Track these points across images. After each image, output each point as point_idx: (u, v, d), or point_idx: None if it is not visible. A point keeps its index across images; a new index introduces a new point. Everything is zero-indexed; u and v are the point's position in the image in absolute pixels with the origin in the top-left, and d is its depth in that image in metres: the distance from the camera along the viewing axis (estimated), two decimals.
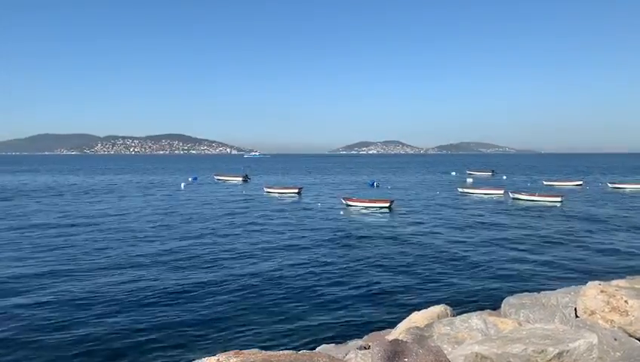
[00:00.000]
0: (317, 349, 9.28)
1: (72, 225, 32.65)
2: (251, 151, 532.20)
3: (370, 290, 17.74)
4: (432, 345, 6.89)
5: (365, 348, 7.88)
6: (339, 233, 29.76)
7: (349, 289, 17.87)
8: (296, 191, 58.06)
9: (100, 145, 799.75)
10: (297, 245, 26.08)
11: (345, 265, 21.47)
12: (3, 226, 32.45)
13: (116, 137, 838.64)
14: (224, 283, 18.43)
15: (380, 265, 21.51)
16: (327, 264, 21.69)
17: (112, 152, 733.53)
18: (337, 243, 26.46)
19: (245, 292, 17.39)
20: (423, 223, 34.09)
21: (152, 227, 32.07)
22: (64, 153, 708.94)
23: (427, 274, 20.13)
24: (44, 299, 16.39)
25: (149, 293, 17.11)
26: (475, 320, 7.34)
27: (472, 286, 18.39)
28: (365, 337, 10.71)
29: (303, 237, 28.48)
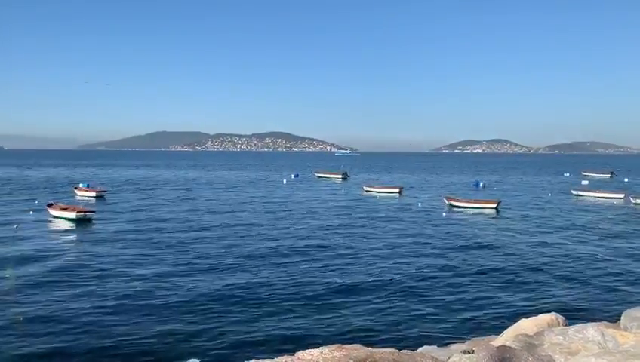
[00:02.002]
0: (419, 350, 9.23)
1: (201, 223, 35.06)
2: (345, 149, 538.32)
3: (473, 294, 17.24)
4: (543, 354, 6.62)
5: (469, 352, 7.72)
6: (441, 234, 29.16)
7: (452, 292, 17.50)
8: (397, 190, 57.43)
9: (210, 142, 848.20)
10: (399, 246, 25.95)
11: (448, 267, 21.03)
12: (139, 217, 35.71)
13: (224, 135, 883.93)
14: (327, 280, 18.86)
15: (485, 269, 20.79)
16: (429, 266, 21.38)
17: (221, 149, 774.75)
18: (440, 245, 25.95)
19: (348, 289, 17.68)
20: (532, 226, 32.38)
21: (262, 224, 33.58)
22: (178, 149, 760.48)
23: (535, 280, 19.13)
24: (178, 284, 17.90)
25: (262, 285, 18.00)
26: (592, 331, 6.92)
27: (585, 295, 17.22)
28: (468, 341, 10.46)
29: (405, 237, 28.25)
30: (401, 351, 7.82)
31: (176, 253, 23.07)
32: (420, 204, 44.54)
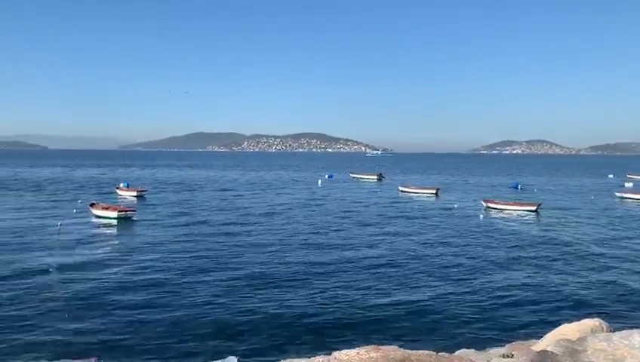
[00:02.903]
0: (456, 353, 9.14)
1: (241, 225, 35.56)
2: (377, 149, 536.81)
3: (512, 298, 16.93)
4: (586, 360, 6.46)
5: (508, 357, 7.60)
6: (479, 237, 28.70)
7: (490, 295, 17.22)
8: (434, 191, 56.76)
9: (246, 143, 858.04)
10: (436, 248, 25.71)
11: (484, 271, 20.70)
12: (179, 217, 36.54)
13: (260, 136, 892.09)
14: (366, 283, 18.87)
15: (523, 273, 20.37)
16: (466, 269, 21.10)
17: (257, 150, 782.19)
18: (477, 248, 25.56)
19: (381, 289, 17.65)
20: (573, 229, 31.49)
21: (302, 226, 33.81)
22: (215, 150, 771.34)
23: (576, 284, 18.64)
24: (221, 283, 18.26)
25: (300, 287, 18.18)
26: (638, 337, 6.70)
27: (630, 301, 16.66)
28: (507, 346, 10.28)
29: (442, 240, 27.94)
30: (439, 354, 7.76)
31: (215, 254, 23.43)
32: (456, 206, 43.93)
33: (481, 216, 38.06)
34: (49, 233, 28.07)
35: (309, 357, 7.98)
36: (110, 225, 31.89)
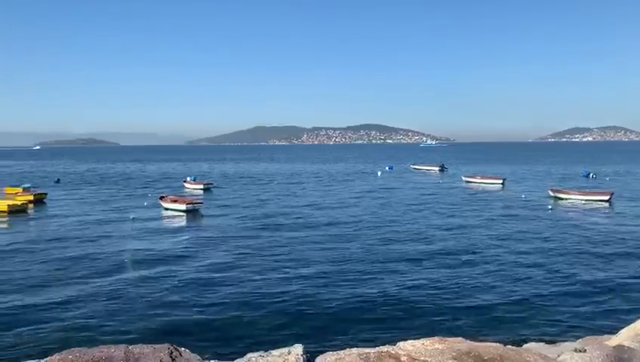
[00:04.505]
0: (524, 346, 8.98)
1: (305, 218, 36.06)
2: (432, 139, 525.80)
3: (584, 292, 16.29)
4: None
5: (581, 351, 7.40)
6: (547, 228, 27.68)
7: (559, 289, 16.65)
8: (500, 181, 55.21)
9: (305, 135, 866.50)
10: (504, 241, 25.04)
11: (554, 262, 20.01)
12: (244, 210, 37.62)
13: (320, 128, 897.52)
14: (431, 274, 18.77)
15: (596, 265, 19.52)
16: (535, 259, 20.48)
17: (316, 142, 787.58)
18: (546, 240, 24.67)
19: (449, 281, 17.48)
20: None
21: (369, 220, 33.84)
22: (276, 143, 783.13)
23: None
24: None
25: (368, 279, 18.33)
26: None
27: None
28: (579, 340, 9.96)
29: (510, 232, 27.17)
30: (507, 347, 7.67)
31: (282, 245, 23.86)
32: (524, 196, 42.52)
33: (550, 206, 36.58)
34: (123, 226, 29.60)
35: (375, 347, 8.10)
36: (179, 218, 33.18)
